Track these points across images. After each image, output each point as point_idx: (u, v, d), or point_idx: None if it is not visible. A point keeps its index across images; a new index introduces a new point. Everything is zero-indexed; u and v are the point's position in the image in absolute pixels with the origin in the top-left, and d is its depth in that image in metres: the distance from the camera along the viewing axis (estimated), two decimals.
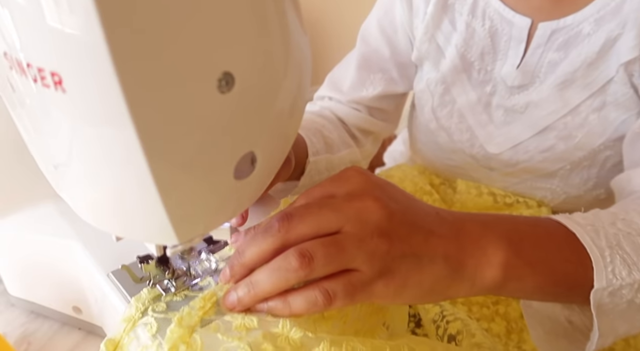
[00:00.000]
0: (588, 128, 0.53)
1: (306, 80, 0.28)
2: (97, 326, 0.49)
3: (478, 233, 0.32)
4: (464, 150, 0.63)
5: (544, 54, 0.53)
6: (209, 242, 0.40)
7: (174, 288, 0.35)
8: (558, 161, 0.57)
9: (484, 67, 0.58)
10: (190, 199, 0.25)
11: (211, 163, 0.24)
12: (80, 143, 0.23)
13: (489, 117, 0.60)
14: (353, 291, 0.29)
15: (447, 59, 0.60)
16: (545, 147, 0.57)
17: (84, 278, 0.44)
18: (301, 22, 0.27)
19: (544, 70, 0.54)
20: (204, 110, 0.22)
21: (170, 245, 0.32)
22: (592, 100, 0.52)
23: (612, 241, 0.33)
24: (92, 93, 0.20)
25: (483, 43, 0.57)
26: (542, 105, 0.55)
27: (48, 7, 0.19)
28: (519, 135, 0.58)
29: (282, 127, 0.28)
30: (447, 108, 0.62)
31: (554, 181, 0.59)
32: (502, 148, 0.60)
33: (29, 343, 0.49)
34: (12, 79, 0.23)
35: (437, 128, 0.65)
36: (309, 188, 0.34)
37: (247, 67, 0.23)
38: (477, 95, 0.59)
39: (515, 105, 0.57)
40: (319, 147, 0.60)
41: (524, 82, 0.55)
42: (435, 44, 0.60)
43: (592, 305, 0.32)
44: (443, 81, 0.61)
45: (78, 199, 0.28)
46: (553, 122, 0.55)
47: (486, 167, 0.63)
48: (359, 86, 0.67)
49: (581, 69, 0.51)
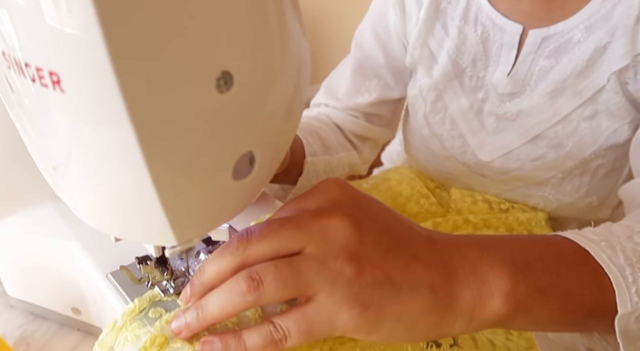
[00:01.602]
0: (579, 137, 0.52)
1: (305, 80, 0.28)
2: (96, 327, 0.49)
3: (476, 257, 0.27)
4: (456, 157, 0.63)
5: (534, 61, 0.53)
6: (208, 243, 0.40)
7: (172, 289, 0.35)
8: (549, 170, 0.56)
9: (476, 74, 0.57)
10: (189, 199, 0.25)
11: (209, 163, 0.24)
12: (78, 143, 0.23)
13: (481, 124, 0.59)
14: (308, 325, 0.25)
15: (439, 64, 0.59)
16: (536, 155, 0.56)
17: (83, 279, 0.44)
18: (301, 22, 0.27)
19: (535, 78, 0.53)
20: (203, 110, 0.22)
21: (168, 246, 0.32)
22: (583, 108, 0.51)
23: (631, 258, 0.29)
24: (91, 92, 0.20)
25: (475, 49, 0.56)
26: (533, 114, 0.54)
27: (47, 6, 0.18)
28: (510, 143, 0.57)
29: (281, 127, 0.28)
30: (440, 115, 0.62)
31: (546, 189, 0.59)
32: (493, 156, 0.59)
33: (28, 344, 0.49)
34: (11, 79, 0.23)
35: (430, 135, 0.64)
36: (287, 202, 0.31)
37: (246, 67, 0.23)
38: (469, 102, 0.59)
39: (507, 113, 0.56)
40: (316, 148, 0.59)
41: (515, 89, 0.55)
42: (427, 49, 0.60)
43: (618, 333, 0.28)
44: (435, 87, 0.61)
45: (77, 200, 0.28)
46: (544, 130, 0.54)
47: (479, 174, 0.63)
48: (354, 93, 0.66)
49: (571, 77, 0.51)
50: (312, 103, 0.73)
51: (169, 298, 0.34)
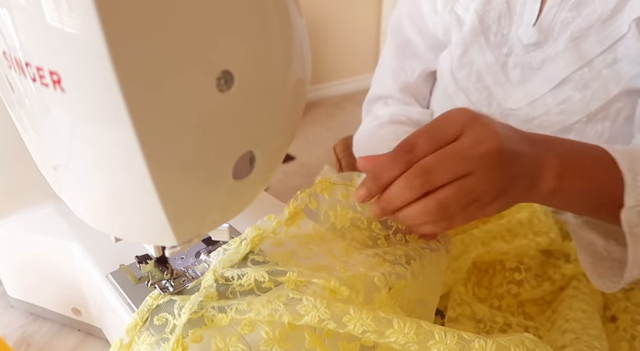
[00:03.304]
0: (603, 80, 0.55)
1: (306, 79, 0.28)
2: (97, 327, 0.49)
3: (544, 151, 0.38)
4: (481, 110, 0.65)
5: (557, 13, 0.56)
6: (208, 243, 0.40)
7: (172, 288, 0.35)
8: (575, 113, 0.58)
9: (501, 31, 0.61)
10: (189, 199, 0.25)
11: (210, 163, 0.24)
12: (79, 143, 0.23)
13: (506, 77, 0.63)
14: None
15: (466, 24, 0.64)
16: (562, 99, 0.59)
17: (83, 280, 0.44)
18: (300, 13, 0.27)
19: (557, 29, 0.57)
20: (203, 110, 0.22)
21: (168, 246, 0.32)
22: (604, 55, 0.54)
23: None
24: (91, 92, 0.20)
25: (500, 7, 0.61)
26: (557, 60, 0.57)
27: (48, 6, 0.19)
28: (536, 91, 0.60)
29: (281, 126, 0.28)
30: (466, 70, 0.66)
31: (570, 137, 0.60)
32: (519, 104, 0.62)
33: (29, 345, 0.49)
34: (11, 78, 0.23)
35: (456, 90, 0.68)
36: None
37: (247, 66, 0.23)
38: (494, 56, 0.63)
39: (532, 62, 0.60)
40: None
41: (540, 39, 0.58)
42: (455, 15, 0.65)
43: (623, 223, 0.38)
44: (462, 43, 0.65)
45: (77, 200, 0.28)
46: (569, 74, 0.57)
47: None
48: (399, 72, 0.71)
49: (596, 26, 0.54)
50: (366, 100, 0.78)
51: (165, 299, 0.34)
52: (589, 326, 0.45)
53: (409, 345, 0.29)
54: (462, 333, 0.30)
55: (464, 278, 0.54)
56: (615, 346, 0.50)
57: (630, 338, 0.50)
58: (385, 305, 0.33)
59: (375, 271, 0.35)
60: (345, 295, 0.32)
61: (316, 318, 0.29)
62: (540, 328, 0.51)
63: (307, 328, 0.30)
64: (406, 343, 0.29)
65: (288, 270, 0.33)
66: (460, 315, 0.49)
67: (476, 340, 0.29)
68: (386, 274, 0.35)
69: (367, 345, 0.32)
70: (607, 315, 0.53)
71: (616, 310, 0.54)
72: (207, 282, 0.33)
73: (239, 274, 0.33)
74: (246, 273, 0.33)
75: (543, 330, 0.51)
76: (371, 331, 0.29)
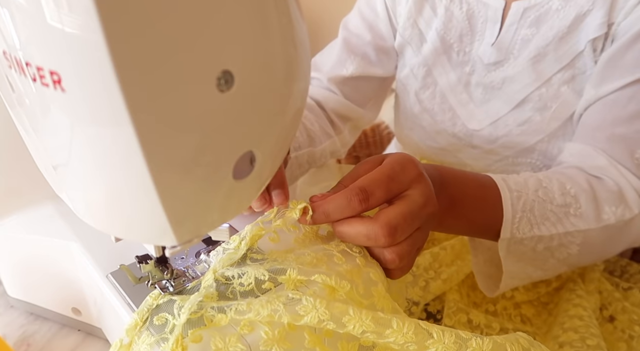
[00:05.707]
0: (562, 99, 0.56)
1: (306, 79, 0.28)
2: (97, 327, 0.49)
3: (438, 192, 0.40)
4: (446, 130, 0.67)
5: (517, 31, 0.57)
6: (208, 243, 0.40)
7: (172, 288, 0.35)
8: (535, 133, 0.59)
9: (463, 49, 0.62)
10: (189, 199, 0.25)
11: (210, 163, 0.24)
12: (79, 143, 0.23)
13: (469, 96, 0.64)
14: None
15: (428, 42, 0.64)
16: (522, 119, 0.60)
17: (83, 280, 0.44)
18: (301, 13, 0.27)
19: (518, 46, 0.57)
20: (203, 109, 0.22)
21: (168, 246, 0.32)
22: (563, 73, 0.56)
23: (526, 207, 0.44)
24: (91, 92, 0.20)
25: (461, 25, 0.61)
26: (517, 79, 0.58)
27: (48, 6, 0.19)
28: (497, 111, 0.61)
29: (282, 126, 0.28)
30: (430, 90, 0.66)
31: (534, 155, 0.62)
32: (482, 125, 0.63)
33: (29, 345, 0.49)
34: (11, 78, 0.23)
35: (421, 111, 0.68)
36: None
37: (247, 66, 0.23)
38: (457, 76, 0.63)
39: (493, 82, 0.60)
40: (302, 141, 0.61)
41: (500, 58, 0.59)
42: (417, 29, 0.65)
43: (500, 249, 0.44)
44: (425, 63, 0.65)
45: (77, 200, 0.28)
46: (528, 94, 0.58)
47: (469, 145, 0.66)
48: (339, 65, 0.70)
49: (553, 43, 0.55)
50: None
51: (165, 299, 0.34)
52: (586, 335, 0.45)
53: (408, 345, 0.29)
54: (459, 332, 0.30)
55: (458, 284, 0.54)
56: (613, 347, 0.50)
57: (628, 338, 0.51)
58: (383, 298, 0.34)
59: (368, 268, 0.35)
60: (347, 289, 0.32)
61: (316, 319, 0.29)
62: (537, 332, 0.52)
63: (307, 328, 0.30)
64: (405, 343, 0.29)
65: (288, 267, 0.33)
66: (456, 322, 0.49)
67: (473, 338, 0.30)
68: (379, 270, 0.36)
69: (365, 345, 0.32)
70: (605, 315, 0.54)
71: (614, 310, 0.54)
72: (207, 282, 0.33)
73: (239, 273, 0.33)
74: (246, 272, 0.33)
75: (540, 334, 0.51)
76: (370, 332, 0.29)
